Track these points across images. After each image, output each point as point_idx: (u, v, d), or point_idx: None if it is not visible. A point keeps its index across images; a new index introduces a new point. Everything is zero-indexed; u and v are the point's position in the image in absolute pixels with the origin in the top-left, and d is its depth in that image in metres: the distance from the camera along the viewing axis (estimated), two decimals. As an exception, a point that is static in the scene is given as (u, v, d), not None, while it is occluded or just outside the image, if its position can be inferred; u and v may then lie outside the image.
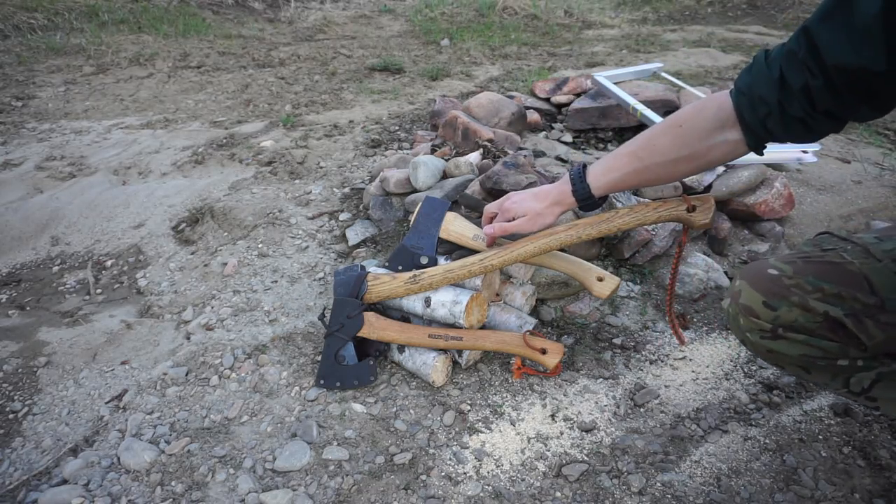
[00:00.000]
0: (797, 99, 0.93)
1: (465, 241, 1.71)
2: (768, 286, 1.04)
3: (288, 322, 1.86)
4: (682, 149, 1.12)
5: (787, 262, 1.06)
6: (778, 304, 1.03)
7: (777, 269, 1.05)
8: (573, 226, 1.45)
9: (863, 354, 1.02)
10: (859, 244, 1.05)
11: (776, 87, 0.96)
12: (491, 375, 1.63)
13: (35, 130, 3.46)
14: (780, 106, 0.96)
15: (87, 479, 1.34)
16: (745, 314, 1.07)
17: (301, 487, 1.31)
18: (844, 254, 1.04)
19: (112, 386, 1.64)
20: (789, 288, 1.02)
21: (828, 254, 1.05)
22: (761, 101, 0.99)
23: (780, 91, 0.95)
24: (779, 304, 1.03)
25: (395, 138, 3.17)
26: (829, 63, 0.87)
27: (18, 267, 2.27)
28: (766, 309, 1.04)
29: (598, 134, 3.01)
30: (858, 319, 0.98)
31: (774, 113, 0.97)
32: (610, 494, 1.30)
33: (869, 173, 2.62)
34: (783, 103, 0.96)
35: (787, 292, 1.02)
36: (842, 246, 1.06)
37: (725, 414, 1.51)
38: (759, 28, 5.78)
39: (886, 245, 1.03)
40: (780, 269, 1.05)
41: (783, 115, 0.97)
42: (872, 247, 1.03)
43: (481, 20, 5.94)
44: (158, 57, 4.71)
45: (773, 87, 0.96)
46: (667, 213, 1.36)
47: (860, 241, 1.05)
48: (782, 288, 1.03)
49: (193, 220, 2.43)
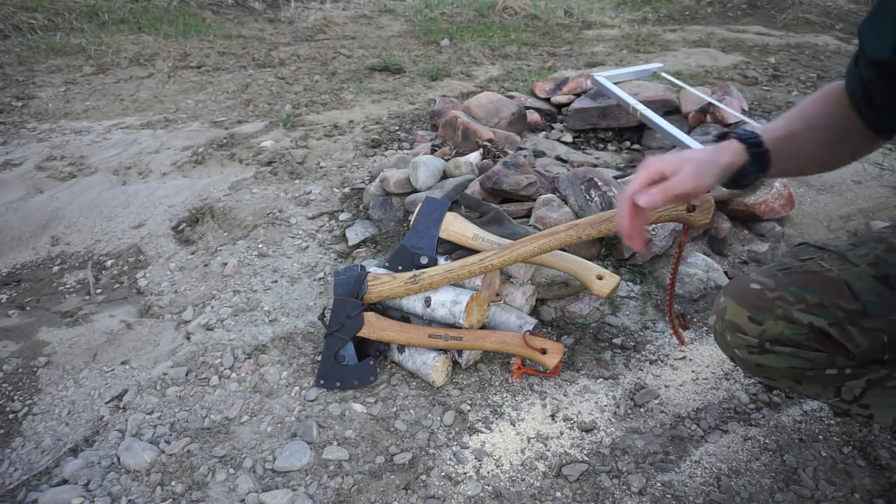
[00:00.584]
0: (864, 94, 0.96)
1: (465, 241, 1.71)
2: (752, 300, 1.04)
3: (288, 322, 1.86)
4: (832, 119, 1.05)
5: (768, 276, 1.06)
6: (763, 318, 1.03)
7: (759, 283, 1.05)
8: (573, 226, 1.45)
9: (850, 363, 1.02)
10: (835, 251, 1.06)
11: (857, 79, 0.97)
12: (491, 375, 1.63)
13: (35, 130, 3.46)
14: (864, 98, 0.97)
15: (87, 479, 1.34)
16: (731, 330, 1.08)
17: (301, 487, 1.31)
18: (822, 262, 1.04)
19: (112, 386, 1.64)
20: (773, 301, 1.02)
21: (806, 263, 1.06)
22: (852, 94, 1.00)
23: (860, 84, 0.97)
24: (764, 318, 1.03)
25: (395, 138, 3.17)
26: (868, 58, 0.91)
27: (18, 267, 2.27)
28: (751, 324, 1.04)
29: (598, 134, 3.01)
30: (842, 328, 0.98)
31: (863, 105, 0.98)
32: (610, 494, 1.30)
33: (869, 173, 2.62)
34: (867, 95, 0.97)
35: (771, 305, 1.02)
36: (819, 255, 1.07)
37: (725, 414, 1.51)
38: (759, 28, 5.78)
39: (862, 250, 1.04)
40: (762, 282, 1.05)
41: (869, 105, 0.97)
42: (848, 253, 1.04)
43: (481, 20, 5.94)
44: (158, 57, 4.71)
45: (856, 81, 0.98)
46: (667, 213, 1.36)
47: (836, 249, 1.06)
48: (766, 301, 1.03)
49: (193, 220, 2.43)
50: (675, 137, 2.37)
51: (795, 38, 5.31)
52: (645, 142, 2.90)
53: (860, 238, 1.09)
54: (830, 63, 4.53)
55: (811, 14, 6.18)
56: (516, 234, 1.72)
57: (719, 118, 2.65)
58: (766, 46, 4.98)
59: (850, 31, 5.76)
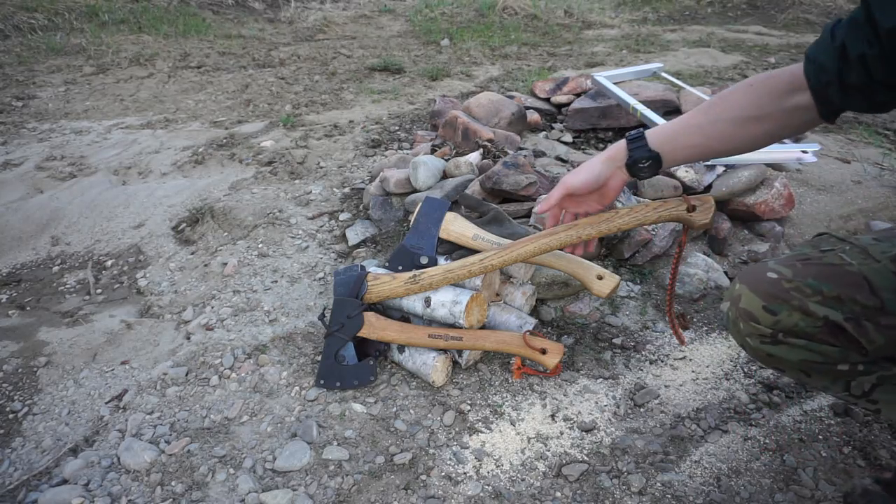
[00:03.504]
0: (854, 68, 0.91)
1: (465, 241, 1.71)
2: (768, 290, 1.03)
3: (288, 322, 1.86)
4: (753, 108, 1.06)
5: (786, 265, 1.05)
6: (778, 309, 1.02)
7: (776, 273, 1.04)
8: (573, 226, 1.45)
9: (863, 359, 1.01)
10: (857, 245, 1.04)
11: (836, 55, 0.93)
12: (491, 375, 1.63)
13: (35, 130, 3.46)
14: (839, 74, 0.94)
15: (87, 479, 1.34)
16: (744, 319, 1.06)
17: (301, 487, 1.31)
18: (843, 255, 1.03)
19: (112, 386, 1.64)
20: (789, 291, 1.01)
21: (826, 255, 1.04)
22: (822, 69, 0.96)
23: (840, 60, 0.93)
24: (779, 309, 1.02)
25: (395, 138, 3.17)
26: (882, 27, 0.86)
27: (18, 267, 2.27)
28: (766, 313, 1.03)
29: (598, 134, 3.01)
30: (858, 323, 0.97)
31: (833, 82, 0.95)
32: (610, 494, 1.30)
33: (869, 173, 2.62)
34: (842, 72, 0.93)
35: (788, 296, 1.01)
36: (840, 247, 1.05)
37: (725, 414, 1.51)
38: (759, 28, 5.78)
39: (884, 246, 1.02)
40: (780, 272, 1.04)
41: (842, 84, 0.94)
42: (871, 247, 1.03)
43: (481, 20, 5.94)
44: (158, 57, 4.71)
45: (833, 56, 0.94)
46: (667, 213, 1.36)
47: (858, 242, 1.05)
48: (782, 291, 1.02)
49: (193, 220, 2.43)
50: (675, 137, 2.37)
51: (795, 38, 5.31)
52: (645, 142, 2.90)
53: (884, 233, 1.08)
54: (830, 63, 4.53)
55: (811, 14, 6.18)
56: (516, 234, 1.72)
57: (719, 118, 2.65)
58: (766, 46, 4.98)
59: (850, 31, 5.75)
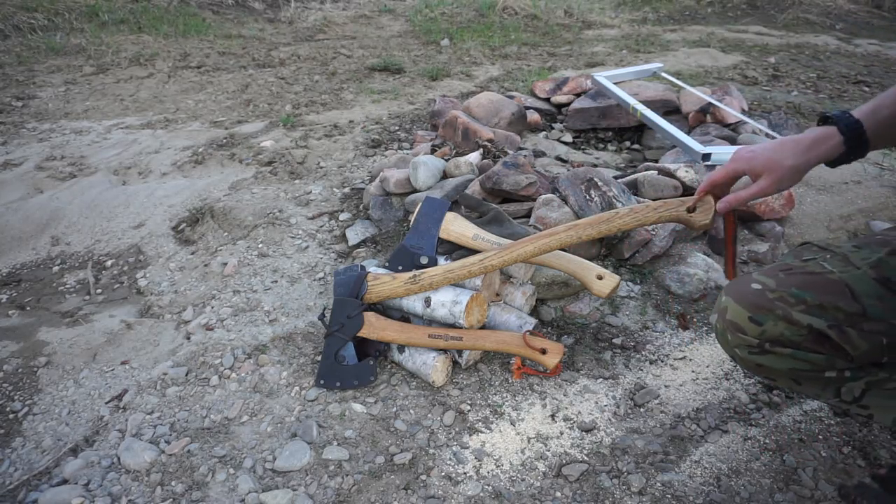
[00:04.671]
0: None
1: (465, 241, 1.71)
2: (753, 300, 1.05)
3: (288, 322, 1.86)
4: None
5: (769, 276, 1.06)
6: (763, 319, 1.03)
7: (760, 283, 1.06)
8: (573, 226, 1.45)
9: (849, 365, 1.03)
10: (838, 253, 1.06)
11: None
12: (491, 375, 1.63)
13: (35, 130, 3.46)
14: None
15: (87, 479, 1.34)
16: (732, 330, 1.08)
17: (301, 487, 1.31)
18: (825, 263, 1.04)
19: (112, 386, 1.64)
20: (773, 301, 1.03)
21: (808, 264, 1.06)
22: None
23: None
24: (764, 319, 1.03)
25: (395, 138, 3.17)
26: None
27: (18, 267, 2.27)
28: (752, 324, 1.05)
29: (598, 134, 3.01)
30: (842, 330, 0.99)
31: None
32: (610, 494, 1.30)
33: (869, 173, 2.62)
34: None
35: (772, 305, 1.02)
36: (821, 255, 1.07)
37: (725, 414, 1.51)
38: (759, 28, 5.78)
39: (864, 253, 1.04)
40: (763, 282, 1.05)
41: None
42: (851, 255, 1.04)
43: (481, 20, 5.94)
44: (158, 57, 4.71)
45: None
46: (667, 213, 1.36)
47: (839, 250, 1.06)
48: (766, 301, 1.03)
49: (193, 220, 2.43)
50: (675, 137, 2.37)
51: (795, 38, 5.31)
52: (645, 142, 2.90)
53: (863, 240, 1.09)
54: (830, 63, 4.53)
55: (811, 14, 6.19)
56: (516, 234, 1.72)
57: (719, 118, 2.65)
58: (766, 46, 4.98)
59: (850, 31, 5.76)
